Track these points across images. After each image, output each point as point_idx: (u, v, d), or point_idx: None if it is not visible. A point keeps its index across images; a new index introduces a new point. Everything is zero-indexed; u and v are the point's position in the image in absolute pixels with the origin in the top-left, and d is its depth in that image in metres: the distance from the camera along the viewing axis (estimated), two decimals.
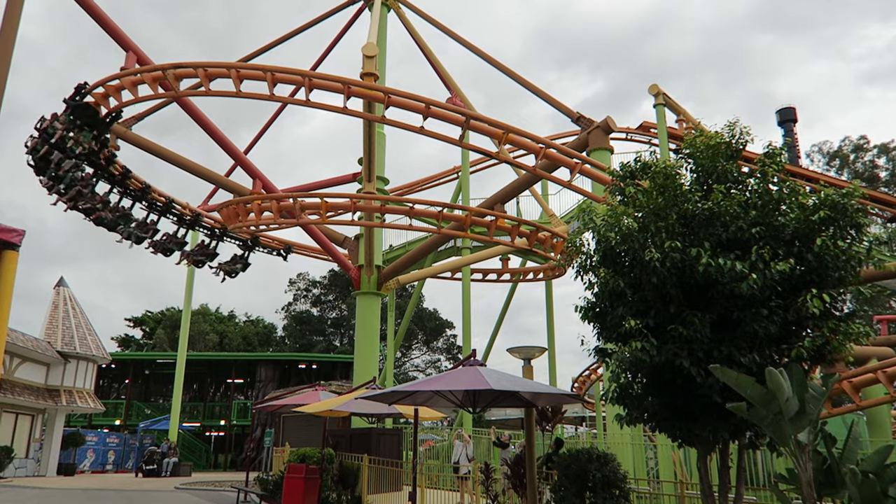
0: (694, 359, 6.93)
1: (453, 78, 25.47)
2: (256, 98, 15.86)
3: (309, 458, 15.57)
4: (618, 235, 7.54)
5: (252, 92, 15.90)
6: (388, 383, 26.87)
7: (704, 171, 8.01)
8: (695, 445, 7.78)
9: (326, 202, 18.83)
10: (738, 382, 6.01)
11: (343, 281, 58.73)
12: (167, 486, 24.42)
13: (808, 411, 5.96)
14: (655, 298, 7.36)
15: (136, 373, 46.30)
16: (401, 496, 14.90)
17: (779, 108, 65.80)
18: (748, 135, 8.26)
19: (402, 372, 60.41)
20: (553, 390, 10.92)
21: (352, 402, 14.24)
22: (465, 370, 9.65)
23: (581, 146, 17.99)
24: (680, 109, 23.81)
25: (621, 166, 8.72)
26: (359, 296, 22.92)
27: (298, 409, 15.99)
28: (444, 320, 63.66)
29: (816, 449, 6.19)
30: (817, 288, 6.88)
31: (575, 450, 9.95)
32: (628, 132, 29.43)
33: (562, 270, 25.83)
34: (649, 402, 7.78)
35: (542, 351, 11.04)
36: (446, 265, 27.98)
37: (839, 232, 7.17)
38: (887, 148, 53.68)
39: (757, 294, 6.77)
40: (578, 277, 8.28)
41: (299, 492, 14.56)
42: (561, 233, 20.38)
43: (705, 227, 7.36)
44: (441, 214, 18.63)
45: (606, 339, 8.12)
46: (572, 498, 9.40)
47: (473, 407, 10.73)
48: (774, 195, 7.49)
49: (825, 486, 6.03)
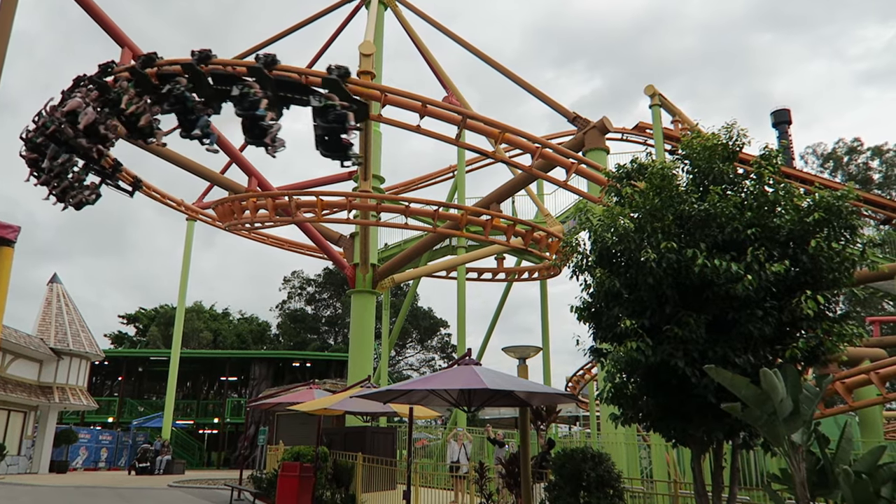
0: (689, 359, 6.96)
1: (449, 76, 25.47)
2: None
3: (303, 457, 15.56)
4: (614, 236, 7.56)
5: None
6: (382, 382, 26.87)
7: (701, 172, 8.04)
8: (689, 445, 7.82)
9: (322, 200, 18.82)
10: (733, 383, 6.04)
11: (338, 279, 58.71)
12: (160, 483, 24.36)
13: (802, 412, 6.00)
14: (651, 299, 7.39)
15: (130, 370, 46.17)
16: (395, 495, 14.92)
17: (774, 110, 66.02)
18: (745, 137, 8.30)
19: (397, 370, 60.42)
20: (547, 390, 10.95)
21: (346, 401, 14.25)
22: (461, 369, 9.67)
23: (577, 146, 18.02)
24: (676, 110, 23.87)
25: (618, 167, 8.76)
26: (354, 294, 22.92)
27: (293, 407, 15.97)
28: (438, 319, 63.70)
29: (810, 449, 6.23)
30: (811, 289, 6.92)
31: (569, 449, 9.98)
32: (624, 132, 29.49)
33: (557, 270, 25.86)
34: (644, 401, 7.82)
35: (536, 350, 11.06)
36: (441, 264, 27.99)
37: (833, 234, 7.21)
38: (881, 150, 53.94)
39: (752, 295, 6.80)
40: (574, 277, 8.31)
41: (293, 490, 14.56)
42: (556, 233, 20.41)
43: (701, 229, 7.39)
44: (437, 213, 18.64)
45: (602, 339, 8.14)
46: (566, 497, 9.43)
47: (468, 406, 10.75)
48: (770, 197, 7.53)
49: (818, 486, 6.07)
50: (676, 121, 24.78)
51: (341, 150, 14.43)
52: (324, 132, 14.15)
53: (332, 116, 14.01)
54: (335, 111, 14.02)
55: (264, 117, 14.39)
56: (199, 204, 30.15)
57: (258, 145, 14.89)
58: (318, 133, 14.24)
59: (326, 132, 14.14)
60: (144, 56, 15.93)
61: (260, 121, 14.42)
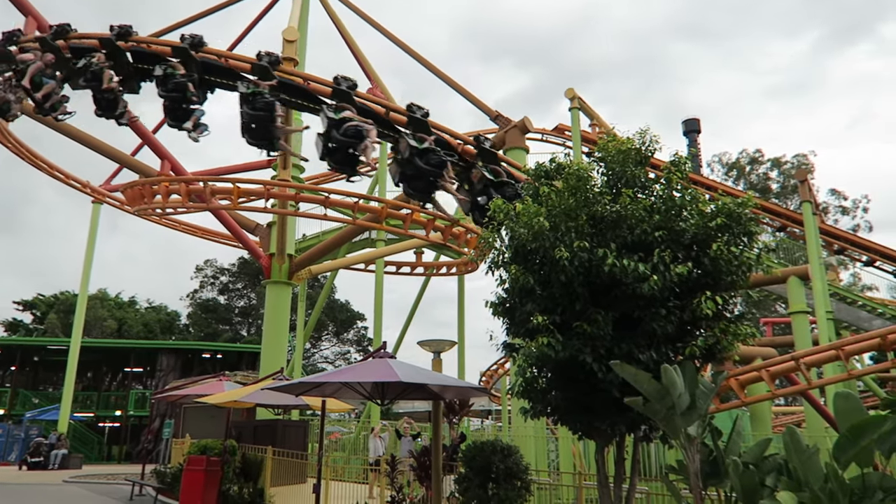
0: (596, 355, 7.22)
1: (375, 67, 25.25)
2: None
3: (210, 450, 15.13)
4: (530, 234, 7.73)
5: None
6: (296, 374, 26.43)
7: (614, 175, 8.32)
8: (594, 438, 8.11)
9: (238, 188, 18.27)
10: (636, 378, 6.31)
11: (253, 269, 57.24)
12: (54, 479, 23.06)
13: (698, 406, 6.34)
14: (563, 296, 7.60)
15: (24, 359, 43.42)
16: (305, 488, 14.72)
17: (685, 119, 68.85)
18: (657, 142, 8.65)
19: (311, 363, 59.59)
20: (461, 383, 11.09)
21: (257, 393, 13.96)
22: (375, 362, 9.65)
23: (498, 144, 18.27)
24: (594, 114, 24.60)
25: (536, 166, 8.95)
26: (269, 285, 22.43)
27: (201, 399, 15.53)
28: (355, 312, 63.23)
29: (704, 442, 6.59)
30: (711, 290, 7.31)
31: (480, 442, 10.14)
32: (544, 133, 30.13)
33: (475, 266, 26.15)
34: (553, 396, 8.04)
35: (451, 345, 11.18)
36: (360, 257, 27.77)
37: (733, 238, 7.64)
38: (779, 162, 57.62)
39: (657, 294, 7.11)
40: (490, 273, 8.45)
41: (199, 484, 14.13)
42: (475, 228, 20.64)
43: (612, 229, 7.65)
44: (357, 205, 18.46)
45: (515, 334, 8.32)
46: (475, 489, 9.58)
47: (382, 399, 10.75)
48: (677, 201, 7.89)
49: (710, 476, 6.43)
50: (594, 124, 25.54)
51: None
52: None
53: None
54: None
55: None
56: (106, 186, 28.73)
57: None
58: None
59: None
60: (57, 27, 15.00)
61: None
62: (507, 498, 9.51)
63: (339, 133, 13.19)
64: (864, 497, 5.22)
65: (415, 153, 13.74)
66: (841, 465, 5.42)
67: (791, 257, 40.94)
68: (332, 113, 13.40)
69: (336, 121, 13.27)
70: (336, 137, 13.14)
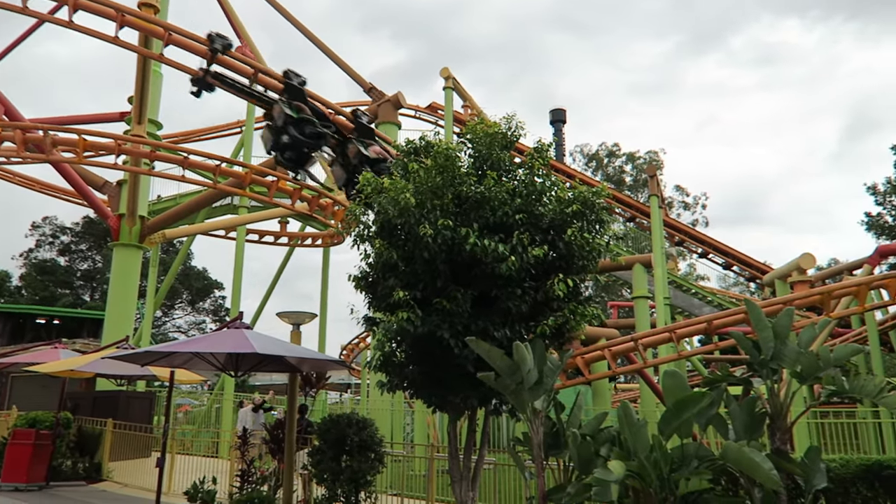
0: (454, 331, 7.42)
1: (246, 27, 24.05)
2: (4, 8, 13.64)
3: (40, 423, 14.04)
4: (396, 209, 7.76)
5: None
6: (143, 343, 24.98)
7: (481, 157, 8.53)
8: (447, 411, 8.37)
9: (85, 140, 16.85)
10: (490, 354, 6.55)
11: (99, 230, 53.07)
12: None
13: (545, 382, 6.70)
14: (425, 272, 7.72)
15: None
16: (149, 462, 14.04)
17: (552, 109, 71.83)
18: (522, 129, 8.94)
19: (162, 332, 56.59)
20: (319, 356, 11.00)
21: (98, 362, 13.09)
22: (230, 332, 9.36)
23: (370, 118, 18.12)
24: (467, 96, 25.00)
25: (406, 142, 8.97)
26: (116, 247, 20.95)
27: (31, 368, 14.32)
28: (213, 280, 60.65)
29: (548, 415, 6.98)
30: (564, 273, 7.72)
31: (335, 415, 10.14)
32: (417, 110, 30.23)
33: (341, 238, 25.91)
34: (410, 370, 8.18)
35: (312, 317, 11.06)
36: (220, 223, 26.62)
37: (587, 225, 8.10)
38: (634, 157, 61.77)
39: (514, 275, 7.41)
40: (356, 246, 8.42)
41: (25, 459, 13.09)
42: (343, 201, 20.41)
43: (476, 210, 7.86)
44: (218, 169, 17.66)
45: (376, 308, 8.37)
46: (329, 461, 9.59)
47: (236, 371, 10.44)
48: (538, 187, 8.23)
49: (552, 447, 6.83)
50: (466, 105, 25.99)
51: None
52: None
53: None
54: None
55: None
56: None
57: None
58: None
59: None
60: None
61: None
62: (360, 470, 9.62)
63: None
64: (682, 464, 5.79)
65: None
66: (665, 437, 5.96)
67: (638, 246, 44.16)
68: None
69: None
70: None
